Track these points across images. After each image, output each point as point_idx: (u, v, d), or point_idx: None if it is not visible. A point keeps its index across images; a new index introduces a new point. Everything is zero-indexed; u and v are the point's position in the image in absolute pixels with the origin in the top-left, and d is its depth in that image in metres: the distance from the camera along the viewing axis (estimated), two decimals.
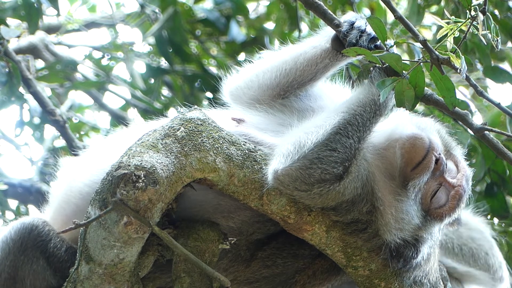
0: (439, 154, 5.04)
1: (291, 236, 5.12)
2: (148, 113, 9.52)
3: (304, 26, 9.66)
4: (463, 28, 4.62)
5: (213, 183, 4.90)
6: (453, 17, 4.66)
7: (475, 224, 6.64)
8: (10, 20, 8.80)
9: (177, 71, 10.03)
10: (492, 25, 4.59)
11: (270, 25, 10.26)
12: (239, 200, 4.98)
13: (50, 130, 9.86)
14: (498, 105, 4.71)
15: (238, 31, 10.03)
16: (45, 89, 9.82)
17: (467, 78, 4.63)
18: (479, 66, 7.77)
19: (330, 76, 5.41)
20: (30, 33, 9.52)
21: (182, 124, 4.89)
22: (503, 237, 7.55)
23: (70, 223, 4.75)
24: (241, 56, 10.06)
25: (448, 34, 4.62)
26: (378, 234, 5.00)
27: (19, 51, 9.86)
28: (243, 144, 4.97)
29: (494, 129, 4.76)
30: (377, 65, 4.89)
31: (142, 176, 4.66)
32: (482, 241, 6.48)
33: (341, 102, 5.06)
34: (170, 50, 9.83)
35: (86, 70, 10.53)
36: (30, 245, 5.10)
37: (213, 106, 5.48)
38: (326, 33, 5.24)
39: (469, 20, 4.58)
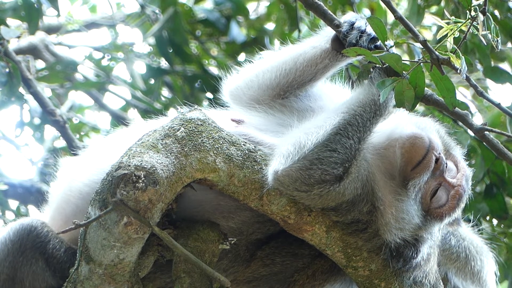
0: (439, 153, 5.04)
1: (291, 236, 5.11)
2: (148, 113, 9.51)
3: (304, 27, 9.66)
4: (463, 28, 4.62)
5: (213, 183, 4.90)
6: (453, 17, 4.66)
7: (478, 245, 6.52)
8: (10, 21, 8.81)
9: (177, 71, 10.03)
10: (492, 25, 4.58)
11: (270, 26, 10.27)
12: (239, 201, 4.97)
13: (50, 131, 9.88)
14: (498, 106, 4.71)
15: (238, 32, 10.03)
16: (45, 90, 9.84)
17: (467, 79, 4.62)
18: (479, 66, 7.77)
19: (330, 76, 5.40)
20: (30, 34, 9.52)
21: (182, 124, 4.88)
22: (502, 238, 7.54)
23: (70, 223, 4.75)
24: (241, 57, 10.06)
25: (448, 35, 4.62)
26: (378, 234, 5.00)
27: (19, 51, 9.87)
28: (243, 144, 4.96)
29: (494, 129, 4.76)
30: (377, 65, 4.89)
31: (142, 176, 4.66)
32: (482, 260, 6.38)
33: (341, 102, 5.05)
34: (170, 51, 9.83)
35: (86, 70, 10.53)
36: (29, 246, 5.09)
37: (213, 107, 5.48)
38: (326, 33, 5.24)
39: (469, 20, 4.58)
